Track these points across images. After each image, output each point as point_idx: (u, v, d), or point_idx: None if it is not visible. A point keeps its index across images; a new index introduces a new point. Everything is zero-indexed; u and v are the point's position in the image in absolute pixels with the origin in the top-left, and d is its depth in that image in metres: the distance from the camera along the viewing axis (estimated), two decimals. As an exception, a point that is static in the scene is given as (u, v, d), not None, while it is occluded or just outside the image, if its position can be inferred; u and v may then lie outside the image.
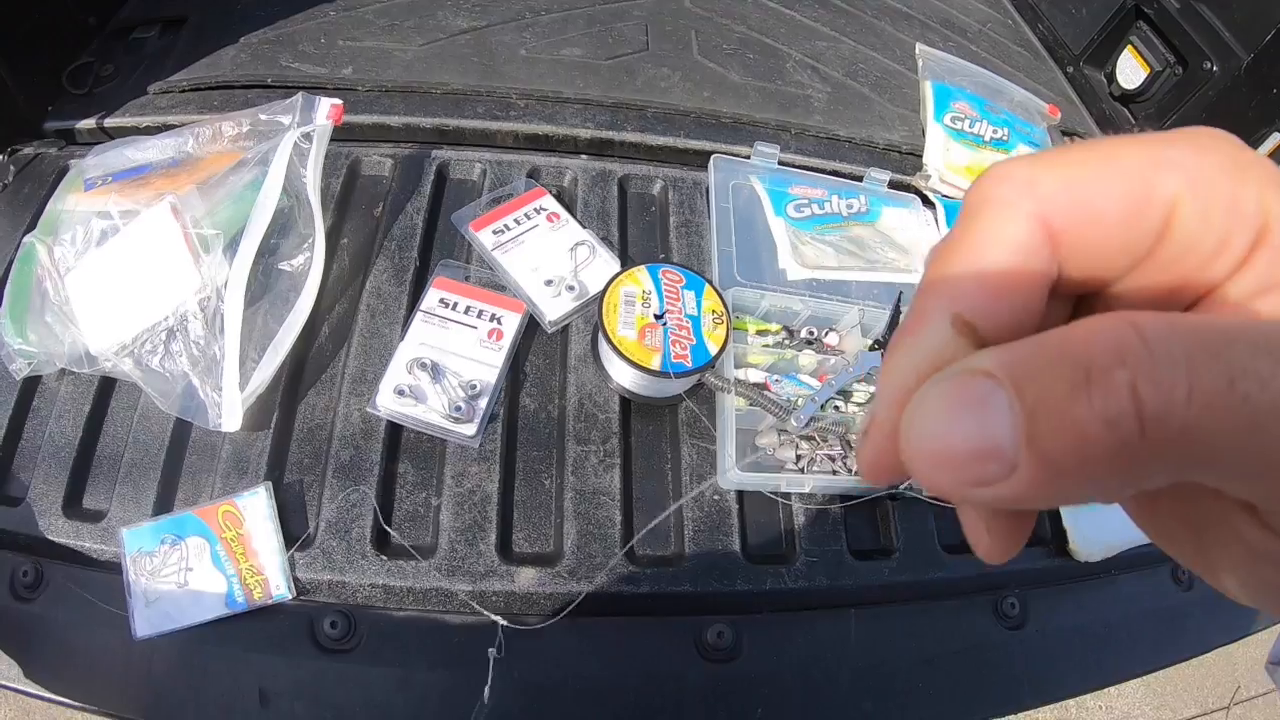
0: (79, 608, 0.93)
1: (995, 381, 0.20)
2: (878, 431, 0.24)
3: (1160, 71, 1.58)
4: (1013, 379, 0.20)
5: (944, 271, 0.24)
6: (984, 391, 0.21)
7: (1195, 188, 0.22)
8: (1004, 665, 1.08)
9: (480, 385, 1.05)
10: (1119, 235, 0.23)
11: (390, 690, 0.91)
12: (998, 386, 0.20)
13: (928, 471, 0.22)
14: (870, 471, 0.25)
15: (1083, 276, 0.25)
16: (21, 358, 1.02)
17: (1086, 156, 0.24)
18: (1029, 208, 0.23)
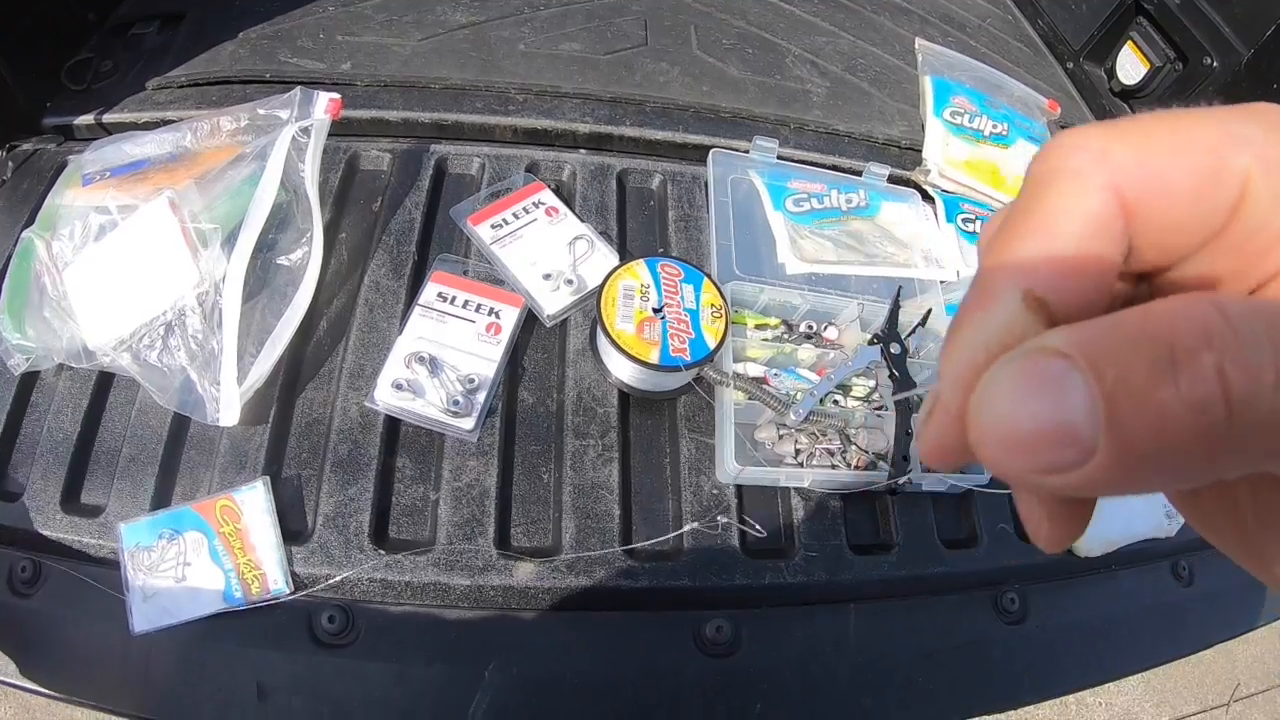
0: (77, 603, 0.92)
1: (1071, 361, 0.19)
2: (942, 412, 0.23)
3: (1160, 67, 1.58)
4: (1089, 359, 0.19)
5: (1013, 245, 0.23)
6: (1059, 372, 0.20)
7: (1268, 166, 0.22)
8: (1004, 661, 1.08)
9: (478, 379, 1.05)
10: (1192, 211, 0.22)
11: (388, 685, 0.91)
12: (1073, 367, 0.19)
13: (998, 455, 0.21)
14: (933, 454, 0.24)
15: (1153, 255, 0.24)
16: (20, 353, 1.02)
17: (1159, 128, 0.22)
18: (1102, 179, 0.22)
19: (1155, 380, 0.18)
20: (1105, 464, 0.19)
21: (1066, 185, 0.22)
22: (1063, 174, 0.23)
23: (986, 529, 1.12)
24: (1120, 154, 0.22)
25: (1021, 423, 0.20)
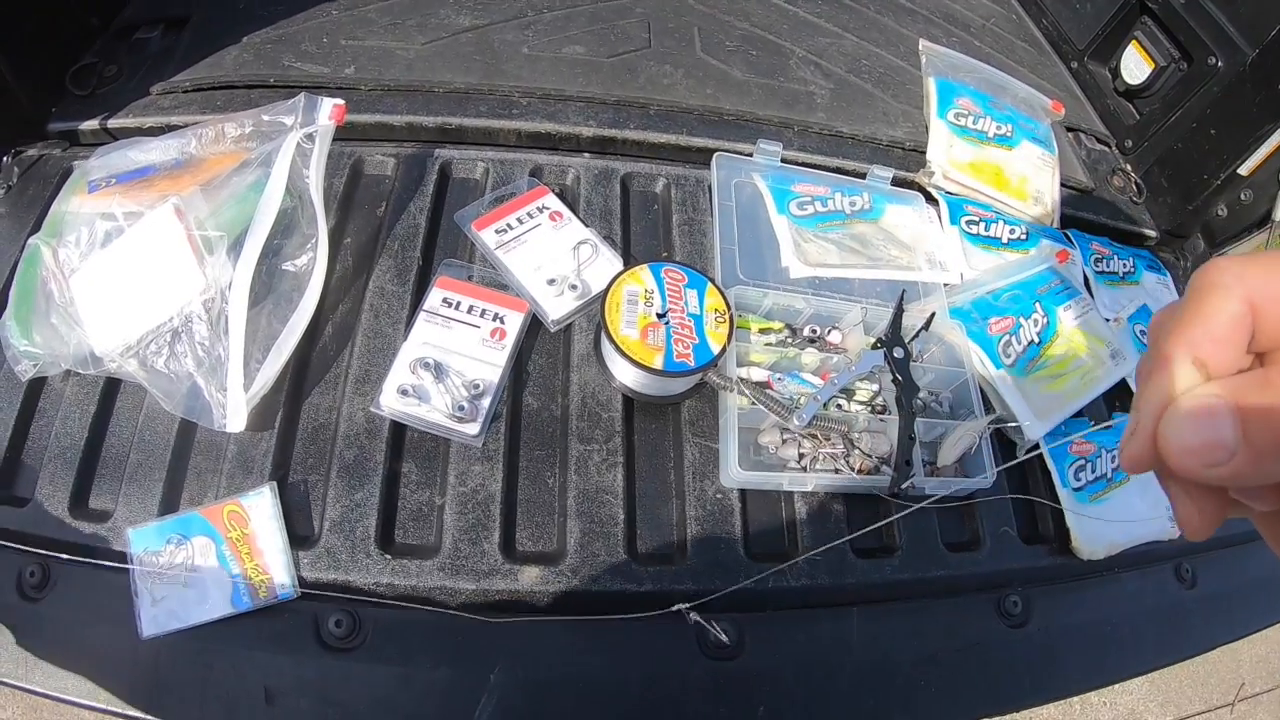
0: (86, 607, 0.93)
1: (1223, 400, 0.32)
2: (1142, 434, 0.34)
3: (1165, 67, 1.57)
4: (1233, 398, 0.31)
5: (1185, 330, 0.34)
6: (1216, 406, 0.32)
7: None
8: (1007, 663, 1.08)
9: (483, 384, 1.05)
10: None
11: (395, 688, 0.91)
12: (1224, 403, 0.31)
13: (1179, 457, 0.32)
14: (1132, 465, 0.35)
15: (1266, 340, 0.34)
16: (27, 359, 1.02)
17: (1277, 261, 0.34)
18: (1241, 292, 0.33)
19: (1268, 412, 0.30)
20: (1242, 459, 0.31)
21: (1218, 294, 0.34)
22: (1215, 286, 0.34)
23: (989, 532, 1.12)
24: (1253, 277, 0.33)
25: (1194, 437, 0.32)
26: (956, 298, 1.26)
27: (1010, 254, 1.36)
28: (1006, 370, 1.19)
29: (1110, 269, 1.44)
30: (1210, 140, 1.49)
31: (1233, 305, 0.33)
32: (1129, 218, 1.57)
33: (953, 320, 1.22)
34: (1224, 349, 0.33)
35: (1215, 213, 1.51)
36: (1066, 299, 1.28)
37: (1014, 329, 1.23)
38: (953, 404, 1.19)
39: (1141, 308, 1.39)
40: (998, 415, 1.16)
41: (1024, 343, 1.22)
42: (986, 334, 1.22)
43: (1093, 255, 1.44)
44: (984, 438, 1.11)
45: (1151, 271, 1.50)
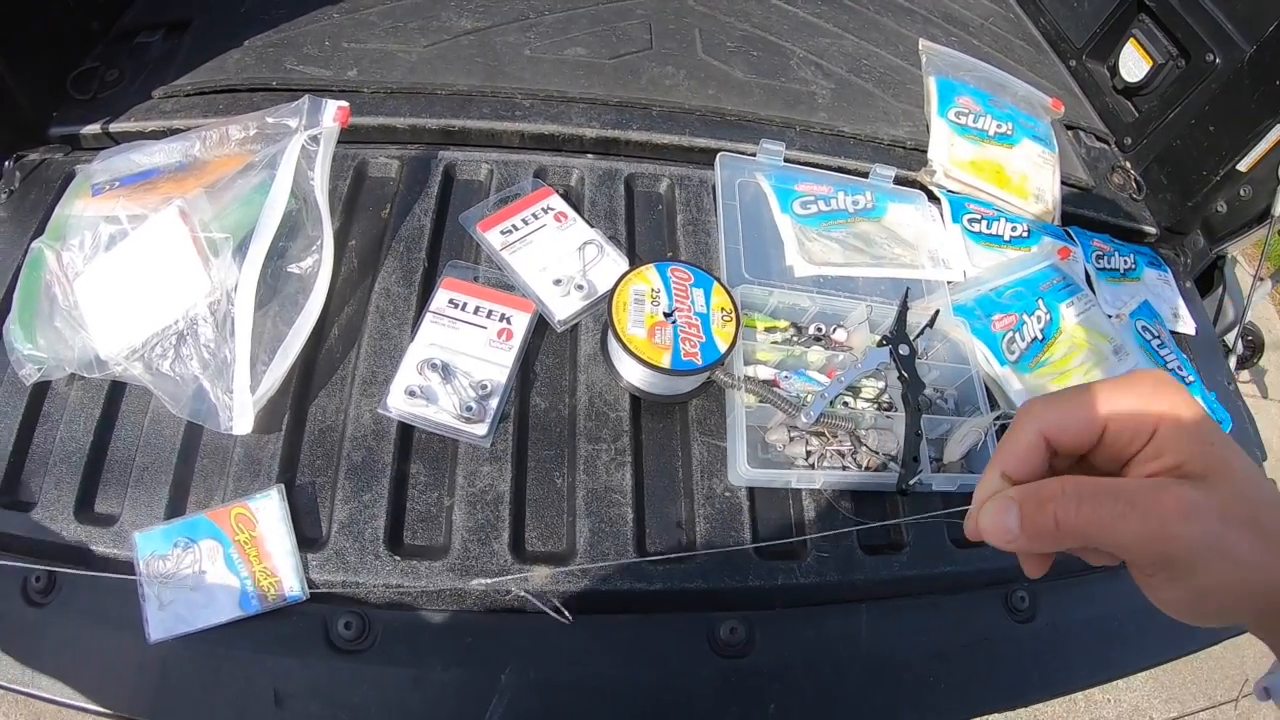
0: (92, 612, 0.93)
1: (1015, 501, 0.47)
2: (970, 517, 0.50)
3: (1163, 64, 1.58)
4: (1020, 501, 0.47)
5: (1000, 453, 0.50)
6: (1007, 504, 0.47)
7: (1115, 417, 0.47)
8: (1014, 659, 1.08)
9: (491, 385, 1.05)
10: (1079, 439, 0.49)
11: (405, 690, 0.91)
12: (1015, 504, 0.47)
13: (986, 534, 0.48)
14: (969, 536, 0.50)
15: (1067, 452, 0.50)
16: (31, 363, 1.02)
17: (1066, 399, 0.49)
18: (1038, 427, 0.49)
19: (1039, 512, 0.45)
20: (1024, 540, 0.46)
21: (1020, 428, 0.49)
22: (1020, 423, 0.50)
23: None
24: (1046, 415, 0.49)
25: (993, 522, 0.47)
26: (960, 295, 1.27)
27: (1012, 251, 1.36)
28: (1011, 367, 1.20)
29: (1112, 265, 1.45)
30: (1209, 137, 1.49)
31: (1029, 436, 0.49)
32: (1129, 215, 1.58)
33: (957, 317, 1.22)
34: (1021, 465, 0.49)
35: (1215, 209, 1.52)
36: (1069, 295, 1.29)
37: (1017, 326, 1.23)
38: (958, 400, 1.19)
39: (1143, 304, 1.40)
40: (1003, 411, 1.16)
41: (1027, 339, 1.23)
42: (990, 331, 1.22)
43: (1094, 252, 1.44)
44: (989, 434, 1.11)
45: (1153, 268, 1.51)
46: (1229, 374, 1.52)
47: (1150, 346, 1.35)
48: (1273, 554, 0.43)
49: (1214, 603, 0.45)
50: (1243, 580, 0.43)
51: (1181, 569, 0.44)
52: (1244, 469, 0.45)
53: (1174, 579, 0.45)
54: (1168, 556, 0.43)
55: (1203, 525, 0.42)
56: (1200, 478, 0.44)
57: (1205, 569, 0.43)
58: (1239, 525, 0.43)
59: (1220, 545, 0.42)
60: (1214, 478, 0.44)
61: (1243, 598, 0.44)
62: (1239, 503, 0.43)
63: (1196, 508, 0.42)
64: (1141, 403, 0.47)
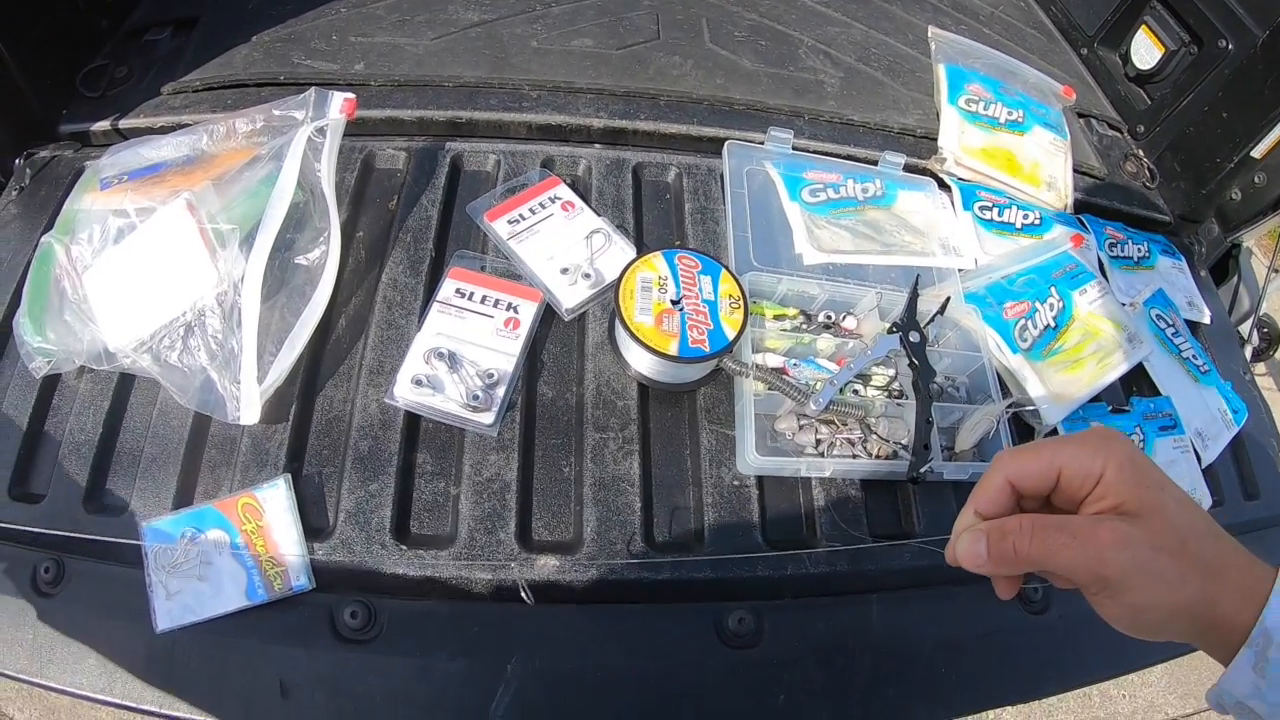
0: (100, 602, 0.93)
1: (984, 533, 0.56)
2: (949, 547, 0.59)
3: (1175, 51, 1.56)
4: (989, 534, 0.56)
5: (976, 495, 0.59)
6: (977, 536, 0.57)
7: (1068, 465, 0.56)
8: (1027, 651, 1.07)
9: (498, 374, 1.05)
10: (1039, 483, 0.57)
11: (411, 680, 0.91)
12: (983, 535, 0.56)
13: (961, 560, 0.58)
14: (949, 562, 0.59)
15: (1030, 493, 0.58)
16: (41, 356, 1.02)
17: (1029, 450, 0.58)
18: (1004, 473, 0.58)
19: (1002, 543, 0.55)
20: (991, 565, 0.56)
21: (991, 474, 0.58)
22: (992, 469, 0.59)
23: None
24: (1010, 464, 0.58)
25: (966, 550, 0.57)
26: (971, 282, 1.26)
27: (1024, 239, 1.35)
28: (1023, 354, 1.18)
29: (1125, 254, 1.43)
30: (1222, 124, 1.47)
31: (997, 480, 0.58)
32: (1143, 203, 1.56)
33: (968, 305, 1.21)
34: (991, 504, 0.58)
35: (1229, 196, 1.50)
36: (1082, 283, 1.27)
37: (1030, 313, 1.22)
38: (969, 389, 1.18)
39: (1158, 292, 1.38)
40: (1015, 399, 1.15)
41: (1040, 327, 1.21)
42: (1002, 318, 1.21)
43: (1107, 240, 1.43)
44: (1001, 422, 1.10)
45: (1166, 256, 1.49)
46: (1244, 363, 1.50)
47: (1164, 335, 1.33)
48: (1198, 575, 0.52)
49: (1149, 617, 0.54)
50: (1171, 598, 0.52)
51: (1116, 588, 0.52)
52: (1176, 506, 0.54)
53: (1112, 597, 0.53)
54: (1103, 578, 0.52)
55: (1132, 552, 0.52)
56: (1135, 515, 0.53)
57: (1137, 589, 0.52)
58: (1167, 552, 0.52)
59: (1150, 568, 0.52)
60: (1147, 514, 0.53)
61: (1175, 613, 0.53)
62: (1168, 533, 0.53)
63: (1129, 538, 0.52)
64: (1089, 453, 0.55)
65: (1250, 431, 1.34)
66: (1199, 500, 1.20)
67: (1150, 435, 1.22)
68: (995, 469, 0.58)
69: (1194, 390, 1.31)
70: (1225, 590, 0.53)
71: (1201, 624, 0.54)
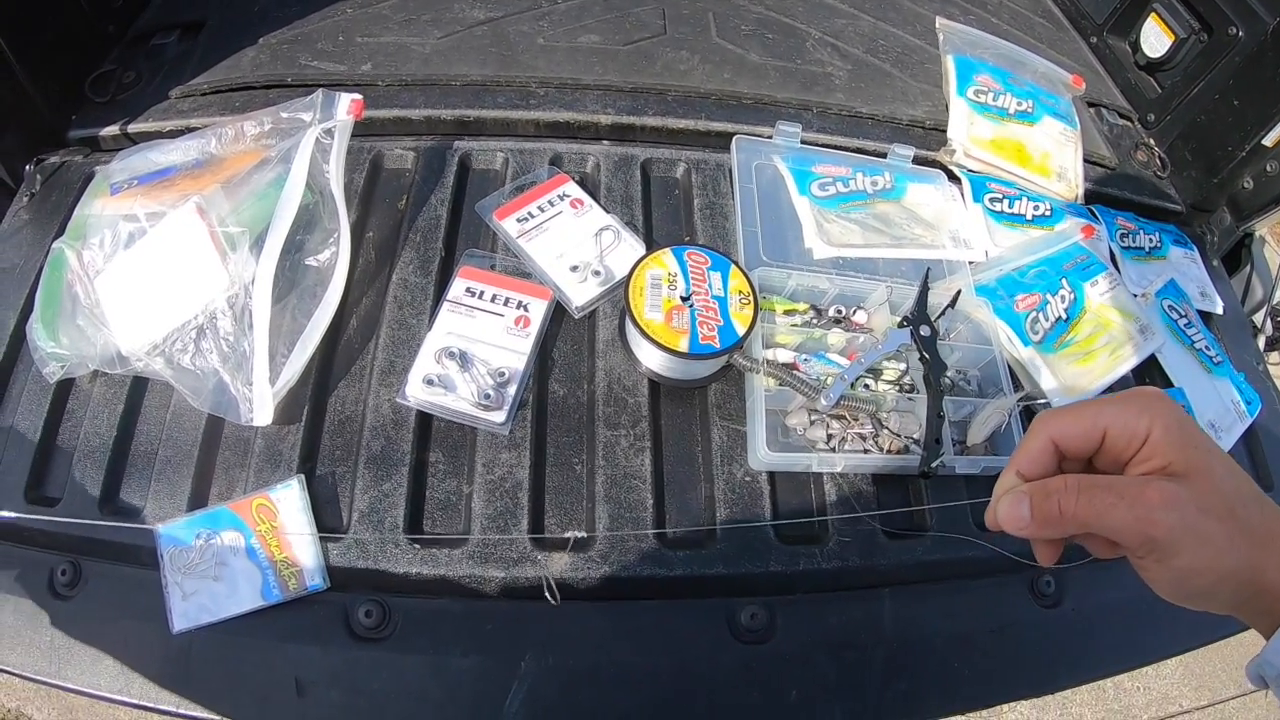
0: (117, 604, 0.94)
1: (1026, 495, 0.55)
2: (989, 510, 0.58)
3: (1185, 39, 1.54)
4: (1032, 495, 0.55)
5: (1016, 456, 0.58)
6: (1020, 497, 0.55)
7: (1113, 425, 0.54)
8: (1040, 645, 1.07)
9: (509, 372, 1.05)
10: (1083, 444, 0.56)
11: (425, 677, 0.91)
12: (1026, 497, 0.55)
13: (1002, 523, 0.56)
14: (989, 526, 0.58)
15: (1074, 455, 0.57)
16: (54, 361, 1.03)
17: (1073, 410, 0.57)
18: (1047, 434, 0.57)
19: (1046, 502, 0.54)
20: (1034, 526, 0.55)
21: (1033, 435, 0.58)
22: (1033, 430, 0.58)
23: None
24: (1053, 424, 0.56)
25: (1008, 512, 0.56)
26: (982, 275, 1.25)
27: (1035, 230, 1.34)
28: (1034, 347, 1.18)
29: (1137, 244, 1.42)
30: (1234, 112, 1.46)
31: (1040, 441, 0.57)
32: (1154, 192, 1.55)
33: (979, 298, 1.20)
34: (1033, 466, 0.57)
35: (1241, 185, 1.48)
36: (1093, 274, 1.27)
37: (1041, 305, 1.21)
38: (981, 382, 1.18)
39: (1170, 282, 1.37)
40: (1026, 393, 1.15)
41: (1051, 319, 1.21)
42: (1013, 311, 1.20)
43: (1118, 230, 1.42)
44: (1013, 415, 1.10)
45: (1178, 246, 1.48)
46: (1258, 354, 1.49)
47: (1177, 326, 1.32)
48: (1245, 540, 0.51)
49: (1196, 583, 0.52)
50: (1219, 563, 0.51)
51: (1165, 551, 0.51)
52: (1223, 469, 0.53)
53: (1160, 561, 0.52)
54: (1152, 539, 0.51)
55: (1181, 513, 0.50)
56: (1183, 476, 0.52)
57: (1185, 551, 0.51)
58: (1215, 516, 0.51)
59: (1198, 531, 0.50)
60: (1195, 476, 0.51)
61: (1221, 579, 0.52)
62: (1216, 497, 0.51)
63: (1178, 499, 0.50)
64: (1135, 413, 0.54)
65: (1263, 422, 1.33)
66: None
67: (1163, 427, 1.21)
68: (1037, 430, 0.57)
69: (1207, 381, 1.30)
70: (1271, 558, 0.51)
71: (1246, 591, 0.52)
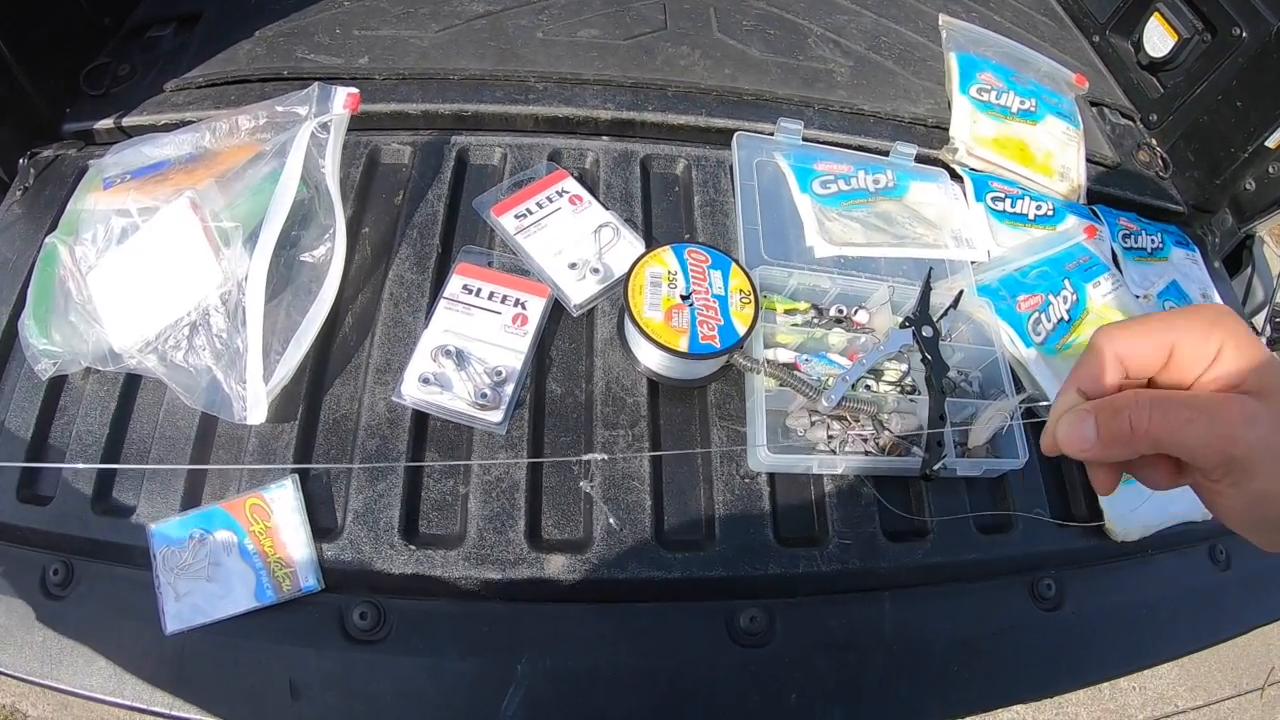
0: (109, 604, 0.93)
1: (1091, 413, 0.52)
2: (1047, 430, 0.55)
3: (1188, 39, 1.53)
4: (1097, 413, 0.52)
5: (1077, 372, 0.55)
6: (1084, 416, 0.52)
7: (1182, 341, 0.51)
8: (1040, 648, 1.06)
9: (506, 371, 1.04)
10: (1149, 361, 0.52)
11: (421, 680, 0.90)
12: (1091, 415, 0.52)
13: (1063, 444, 0.53)
14: (1045, 450, 0.56)
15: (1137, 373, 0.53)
16: (46, 358, 1.01)
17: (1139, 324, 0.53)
18: (1112, 349, 0.53)
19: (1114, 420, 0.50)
20: (1099, 448, 0.51)
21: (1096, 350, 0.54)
22: (1096, 345, 0.54)
23: (1021, 514, 1.10)
24: (1120, 339, 0.53)
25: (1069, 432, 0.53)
26: (984, 275, 1.24)
27: (1037, 230, 1.34)
28: (1036, 348, 1.17)
29: (1139, 245, 1.42)
30: (1236, 113, 1.45)
31: (1105, 358, 0.53)
32: (1156, 192, 1.54)
33: (981, 298, 1.19)
34: (1096, 383, 0.53)
35: (1243, 187, 1.47)
36: (1096, 275, 1.26)
37: (1043, 306, 1.20)
38: (982, 383, 1.17)
39: (1171, 283, 1.37)
40: (1029, 394, 1.14)
41: (1053, 320, 1.20)
42: (1015, 311, 1.19)
43: (1121, 231, 1.41)
44: (1015, 417, 1.09)
45: (1180, 247, 1.47)
46: (1260, 354, 1.48)
47: (1179, 327, 1.31)
48: None
49: (1271, 508, 0.50)
50: None
51: (1243, 472, 0.48)
52: None
53: (1236, 484, 0.49)
54: (1231, 459, 0.48)
55: (1263, 431, 0.47)
56: (1258, 394, 0.49)
57: (1265, 474, 0.48)
58: None
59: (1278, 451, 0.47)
60: (1269, 395, 0.49)
61: None
62: None
63: (1258, 416, 0.48)
64: (1204, 330, 0.51)
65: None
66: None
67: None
68: (1101, 345, 0.53)
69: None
70: None
71: None
